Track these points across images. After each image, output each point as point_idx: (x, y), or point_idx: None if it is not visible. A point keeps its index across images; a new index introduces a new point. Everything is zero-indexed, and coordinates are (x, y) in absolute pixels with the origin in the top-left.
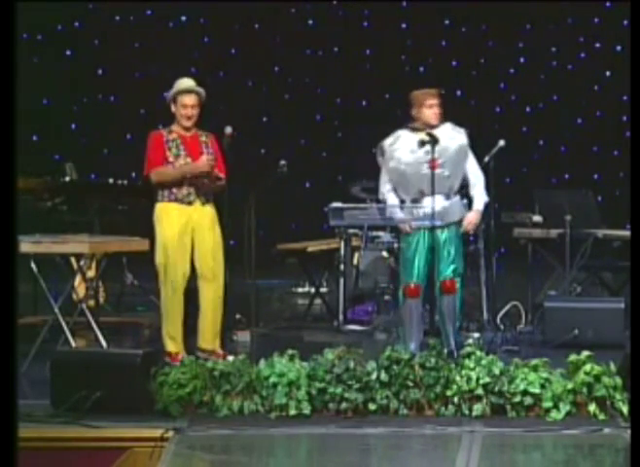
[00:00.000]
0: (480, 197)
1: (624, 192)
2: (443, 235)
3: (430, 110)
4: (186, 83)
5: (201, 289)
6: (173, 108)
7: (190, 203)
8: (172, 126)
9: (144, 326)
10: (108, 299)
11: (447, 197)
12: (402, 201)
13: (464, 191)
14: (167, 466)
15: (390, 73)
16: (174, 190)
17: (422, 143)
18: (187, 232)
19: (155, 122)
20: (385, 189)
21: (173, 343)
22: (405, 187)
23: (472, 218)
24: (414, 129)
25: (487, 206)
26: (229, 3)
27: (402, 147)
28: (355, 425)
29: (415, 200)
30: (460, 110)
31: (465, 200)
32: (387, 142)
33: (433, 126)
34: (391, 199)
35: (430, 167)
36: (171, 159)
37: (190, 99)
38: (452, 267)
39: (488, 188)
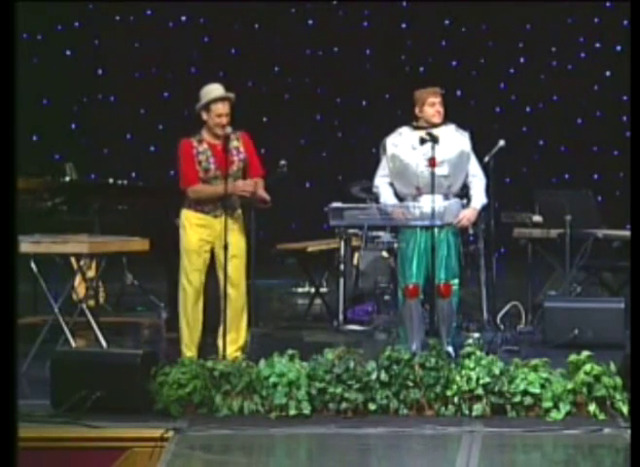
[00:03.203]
0: (478, 196)
1: (624, 192)
2: (439, 236)
3: (432, 108)
4: (218, 90)
5: (227, 297)
6: (205, 116)
7: (216, 216)
8: (203, 134)
9: (144, 326)
10: (108, 299)
11: (446, 197)
12: (397, 196)
13: (464, 191)
14: (167, 466)
15: (390, 73)
16: (202, 203)
17: (422, 141)
18: (207, 241)
19: (155, 122)
20: (379, 179)
21: (189, 352)
22: (402, 183)
23: (468, 213)
24: (417, 128)
25: (487, 206)
26: (229, 3)
27: (403, 143)
28: (355, 425)
29: (412, 197)
30: (460, 110)
31: (465, 201)
32: (390, 138)
33: (435, 125)
34: (383, 188)
35: (428, 166)
36: (201, 174)
37: (224, 107)
38: (445, 269)
39: (488, 188)
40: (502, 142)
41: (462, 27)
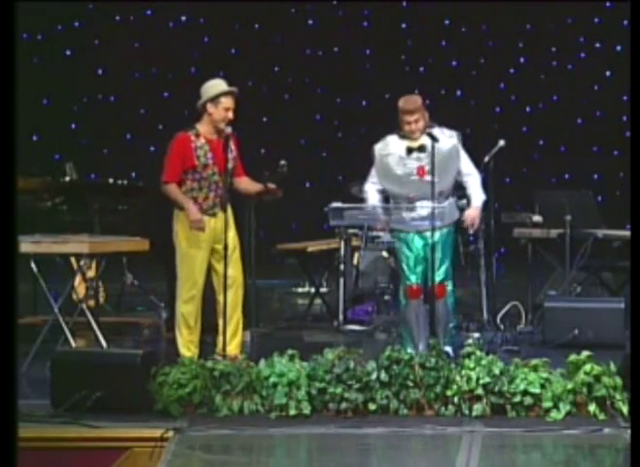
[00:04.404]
0: (477, 194)
1: (624, 192)
2: (433, 238)
3: (407, 126)
4: (224, 84)
5: (222, 294)
6: (211, 109)
7: (214, 214)
8: (199, 128)
9: (144, 326)
10: (108, 299)
11: (438, 202)
12: (391, 202)
13: (460, 192)
14: (167, 466)
15: (390, 73)
16: (200, 200)
17: (410, 150)
18: (210, 242)
19: (155, 122)
20: (369, 185)
21: (188, 352)
22: (393, 192)
23: (472, 213)
24: (403, 136)
25: (487, 206)
26: (229, 3)
27: (391, 153)
28: (355, 425)
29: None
30: (460, 110)
31: (464, 201)
32: (378, 147)
33: (415, 138)
34: (371, 194)
35: (418, 174)
36: (200, 168)
37: (232, 102)
38: (439, 271)
39: (488, 188)
40: (502, 142)
41: (462, 27)
